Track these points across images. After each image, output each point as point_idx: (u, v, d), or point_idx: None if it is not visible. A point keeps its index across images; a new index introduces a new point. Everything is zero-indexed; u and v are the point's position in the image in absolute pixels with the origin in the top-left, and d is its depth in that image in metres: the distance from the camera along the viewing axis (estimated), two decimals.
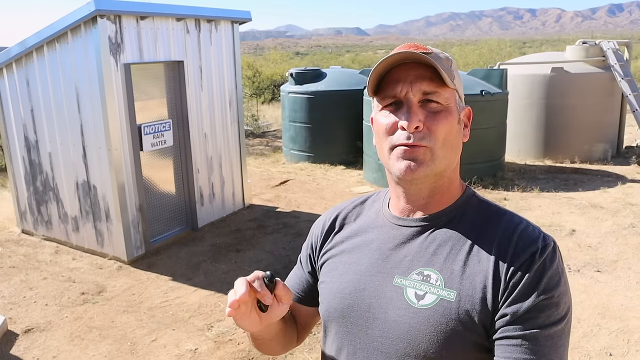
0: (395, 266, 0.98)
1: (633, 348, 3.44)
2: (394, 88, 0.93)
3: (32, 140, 5.41)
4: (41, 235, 5.70)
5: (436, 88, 0.92)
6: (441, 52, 0.98)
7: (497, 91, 7.38)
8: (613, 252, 5.02)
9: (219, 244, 5.49)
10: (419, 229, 0.99)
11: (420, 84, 0.92)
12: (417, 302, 0.93)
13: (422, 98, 0.93)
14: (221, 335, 3.75)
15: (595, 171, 8.20)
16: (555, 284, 0.87)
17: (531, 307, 0.85)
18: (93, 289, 4.49)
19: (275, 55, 26.14)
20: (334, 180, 7.98)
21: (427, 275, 0.94)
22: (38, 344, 3.68)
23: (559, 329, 0.87)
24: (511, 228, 0.93)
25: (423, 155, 0.93)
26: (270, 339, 1.10)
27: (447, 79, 0.91)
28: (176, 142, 5.51)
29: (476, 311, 0.88)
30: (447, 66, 0.95)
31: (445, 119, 0.93)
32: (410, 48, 0.94)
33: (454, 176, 1.00)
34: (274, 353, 1.20)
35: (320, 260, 1.12)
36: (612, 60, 8.72)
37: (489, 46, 24.46)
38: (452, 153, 0.96)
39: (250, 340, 1.13)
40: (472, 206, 1.00)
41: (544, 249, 0.89)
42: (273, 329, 1.06)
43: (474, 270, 0.91)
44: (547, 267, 0.88)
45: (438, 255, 0.95)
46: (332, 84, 8.90)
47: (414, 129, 0.92)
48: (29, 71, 5.16)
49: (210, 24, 5.73)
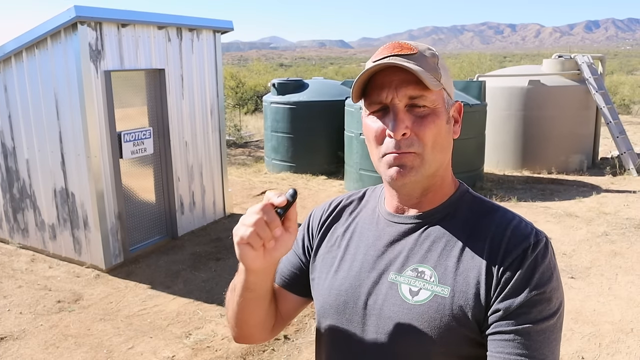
0: (390, 263, 0.99)
1: (604, 351, 3.52)
2: (379, 94, 0.93)
3: (10, 147, 5.35)
4: (17, 244, 5.61)
5: (422, 91, 0.91)
6: (427, 49, 0.96)
7: (476, 103, 7.52)
8: (587, 259, 5.13)
9: (199, 252, 5.46)
10: (413, 225, 1.00)
11: (406, 89, 0.91)
12: (412, 298, 0.93)
13: (409, 102, 0.92)
14: (199, 342, 3.72)
15: (571, 181, 8.38)
16: (547, 279, 0.88)
17: (523, 303, 0.86)
18: (69, 297, 4.43)
19: (259, 67, 26.18)
20: (315, 190, 8.01)
21: (422, 272, 0.95)
22: (11, 352, 3.61)
23: (551, 323, 0.87)
24: (504, 224, 0.94)
25: (412, 162, 0.93)
26: (259, 298, 1.03)
27: (431, 84, 0.90)
28: (156, 150, 5.50)
29: (470, 307, 0.89)
30: (433, 64, 0.94)
31: (432, 122, 0.92)
32: (394, 49, 0.94)
33: (445, 174, 1.01)
34: (251, 331, 1.10)
35: (316, 251, 1.12)
36: (587, 73, 8.96)
37: (470, 60, 24.88)
38: (442, 154, 0.96)
39: (237, 303, 1.03)
40: (465, 202, 1.01)
41: (536, 245, 0.90)
42: (266, 283, 1.01)
43: (467, 266, 0.92)
44: (539, 263, 0.89)
45: (432, 251, 0.96)
46: (314, 95, 8.97)
47: (401, 136, 0.92)
48: (7, 77, 5.11)
49: (192, 32, 5.76)
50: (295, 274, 1.14)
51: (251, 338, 1.13)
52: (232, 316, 1.08)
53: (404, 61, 0.91)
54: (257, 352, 3.60)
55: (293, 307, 1.16)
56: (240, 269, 0.98)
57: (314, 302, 1.10)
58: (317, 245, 1.12)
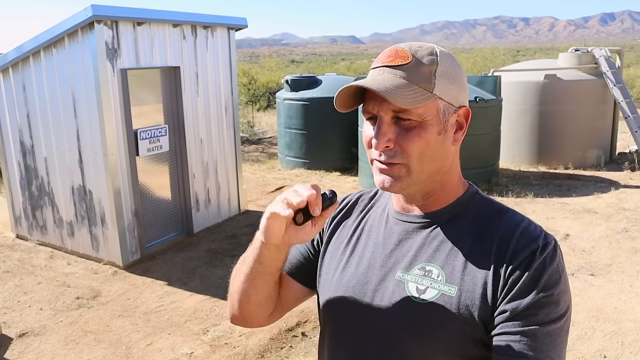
0: (398, 261, 0.99)
1: (627, 350, 3.47)
2: (368, 104, 0.94)
3: (28, 145, 5.41)
4: (36, 240, 5.68)
5: (407, 106, 0.89)
6: (428, 55, 0.92)
7: (491, 98, 7.44)
8: (607, 256, 5.06)
9: (215, 249, 5.49)
10: (421, 224, 1.00)
11: (389, 104, 0.89)
12: (418, 297, 0.94)
13: (394, 115, 0.92)
14: (217, 339, 3.74)
15: (588, 177, 8.27)
16: (555, 282, 0.88)
17: (530, 304, 0.86)
18: (88, 294, 4.48)
19: (270, 63, 26.22)
20: (329, 187, 8.00)
21: (429, 271, 0.95)
22: (32, 348, 3.66)
23: (558, 326, 0.87)
24: (513, 226, 0.94)
25: (398, 172, 0.93)
26: (268, 274, 1.03)
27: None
28: (172, 148, 5.53)
29: (476, 307, 0.89)
30: (427, 74, 0.91)
31: (417, 135, 0.91)
32: (389, 57, 0.93)
33: (446, 179, 1.00)
34: (250, 309, 1.09)
35: (325, 247, 1.13)
36: (604, 67, 8.81)
37: (483, 54, 24.69)
38: (433, 164, 0.95)
39: (245, 274, 1.04)
40: (474, 204, 1.01)
41: (545, 247, 0.90)
42: (277, 261, 1.01)
43: (475, 267, 0.92)
44: (547, 265, 0.88)
45: (440, 251, 0.96)
46: (327, 91, 8.94)
47: (385, 147, 0.92)
48: (25, 76, 5.17)
49: (207, 30, 5.77)
50: (302, 262, 1.15)
51: (248, 318, 1.12)
52: (236, 289, 1.08)
53: (387, 74, 0.91)
54: (275, 349, 3.60)
55: (294, 296, 1.16)
56: (256, 241, 1.00)
57: (320, 298, 1.10)
58: (327, 239, 1.13)
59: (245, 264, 1.04)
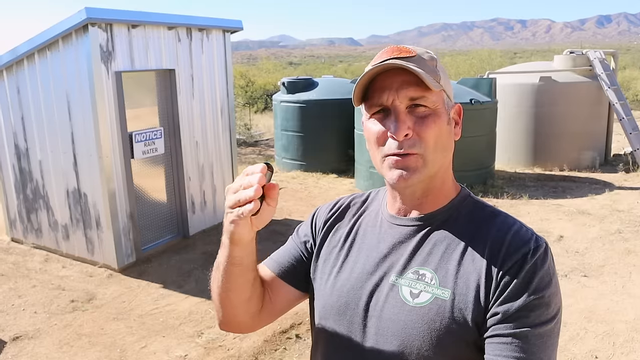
0: (391, 265, 1.00)
1: (618, 351, 3.49)
2: (380, 96, 0.93)
3: (22, 148, 5.41)
4: (31, 244, 5.68)
5: (422, 92, 0.92)
6: (426, 52, 0.97)
7: (487, 100, 7.47)
8: (600, 257, 5.08)
9: (210, 251, 5.49)
10: (415, 228, 1.01)
11: (407, 91, 0.92)
12: (412, 300, 0.94)
13: (410, 104, 0.93)
14: (211, 341, 3.75)
15: (583, 179, 8.30)
16: (546, 285, 0.89)
17: (522, 307, 0.87)
18: (83, 297, 4.48)
19: (268, 65, 26.25)
20: (325, 189, 8.01)
21: (423, 274, 0.95)
22: (26, 351, 3.66)
23: (548, 328, 0.88)
24: (505, 229, 0.95)
25: (415, 163, 0.93)
26: (244, 272, 1.01)
27: (432, 85, 0.91)
28: (167, 150, 5.53)
29: (470, 310, 0.90)
30: (432, 67, 0.95)
31: (434, 122, 0.93)
32: (393, 53, 0.95)
33: (446, 176, 1.02)
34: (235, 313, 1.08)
35: (318, 250, 1.12)
36: (599, 69, 8.86)
37: (480, 56, 24.76)
38: (443, 155, 0.97)
39: (222, 279, 1.03)
40: (467, 207, 1.02)
41: (536, 250, 0.91)
42: (250, 256, 1.00)
43: (468, 270, 0.92)
44: (538, 268, 0.89)
45: (433, 254, 0.97)
46: (324, 93, 8.97)
47: (404, 136, 0.92)
48: (19, 79, 5.17)
49: (202, 32, 5.78)
50: (293, 265, 1.14)
51: (236, 322, 1.10)
52: (217, 296, 1.07)
53: (404, 63, 0.92)
54: (269, 351, 3.61)
55: (286, 299, 1.14)
56: (224, 245, 0.98)
57: (315, 303, 1.09)
58: (319, 243, 1.13)
59: (220, 269, 1.03)
